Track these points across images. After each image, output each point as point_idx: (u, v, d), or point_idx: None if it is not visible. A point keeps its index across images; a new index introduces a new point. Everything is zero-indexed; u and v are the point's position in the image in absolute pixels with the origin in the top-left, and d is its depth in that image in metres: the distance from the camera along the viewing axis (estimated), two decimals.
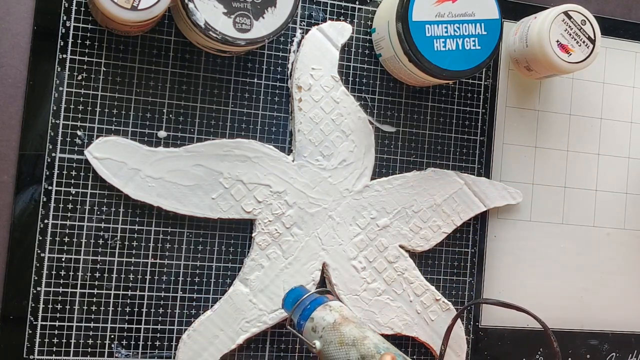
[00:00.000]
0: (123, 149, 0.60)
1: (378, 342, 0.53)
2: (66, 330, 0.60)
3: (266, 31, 0.57)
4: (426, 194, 0.68)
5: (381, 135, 0.68)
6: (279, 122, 0.65)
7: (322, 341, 0.54)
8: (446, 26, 0.62)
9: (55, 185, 0.59)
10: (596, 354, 0.74)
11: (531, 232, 0.73)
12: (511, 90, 0.72)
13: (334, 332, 0.54)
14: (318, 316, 0.56)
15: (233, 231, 0.64)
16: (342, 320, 0.55)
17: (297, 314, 0.57)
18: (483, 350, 0.71)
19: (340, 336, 0.54)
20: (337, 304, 0.57)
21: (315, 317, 0.56)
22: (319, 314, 0.56)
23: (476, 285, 0.70)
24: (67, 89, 0.60)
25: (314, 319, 0.56)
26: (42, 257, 0.59)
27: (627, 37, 0.76)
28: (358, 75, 0.67)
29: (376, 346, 0.53)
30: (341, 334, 0.54)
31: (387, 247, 0.66)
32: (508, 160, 0.72)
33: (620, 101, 0.76)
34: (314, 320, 0.56)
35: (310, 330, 0.56)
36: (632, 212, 0.76)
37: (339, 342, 0.54)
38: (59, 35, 0.60)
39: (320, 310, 0.56)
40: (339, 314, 0.56)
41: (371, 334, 0.54)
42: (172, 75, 0.62)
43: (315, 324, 0.55)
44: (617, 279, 0.75)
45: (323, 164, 0.64)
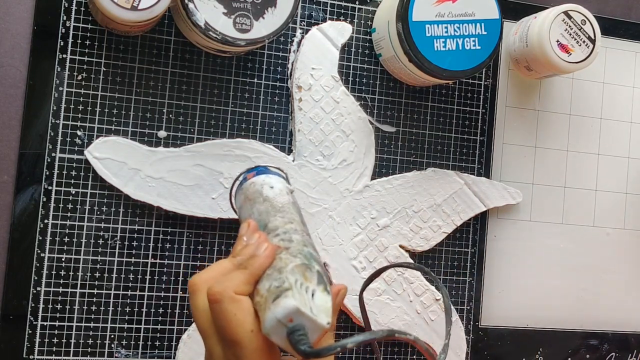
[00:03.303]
0: (123, 149, 0.60)
1: (303, 243, 0.46)
2: (66, 330, 0.60)
3: (266, 31, 0.57)
4: (426, 194, 0.68)
5: (381, 135, 0.68)
6: (279, 122, 0.65)
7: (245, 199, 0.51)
8: (446, 26, 0.62)
9: (55, 185, 0.59)
10: (596, 354, 0.75)
11: (531, 232, 0.73)
12: (511, 90, 0.72)
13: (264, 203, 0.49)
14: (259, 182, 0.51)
15: (233, 231, 0.64)
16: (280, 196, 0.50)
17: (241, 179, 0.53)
18: (483, 350, 0.71)
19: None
20: (282, 185, 0.51)
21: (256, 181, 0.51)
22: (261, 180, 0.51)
23: (476, 285, 0.70)
24: (67, 89, 0.60)
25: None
26: (42, 257, 0.59)
27: (627, 37, 0.76)
28: (358, 75, 0.67)
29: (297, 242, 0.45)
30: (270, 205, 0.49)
31: (387, 247, 0.66)
32: (508, 160, 0.72)
33: (620, 101, 0.76)
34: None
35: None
36: (632, 212, 0.76)
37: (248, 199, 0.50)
38: (59, 35, 0.60)
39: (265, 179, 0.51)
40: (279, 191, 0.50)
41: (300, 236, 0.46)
42: (172, 75, 0.62)
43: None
44: (617, 279, 0.75)
45: (323, 164, 0.64)
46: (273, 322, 0.40)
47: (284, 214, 0.48)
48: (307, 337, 0.40)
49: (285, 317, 0.40)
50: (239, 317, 0.41)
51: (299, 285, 0.41)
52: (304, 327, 0.40)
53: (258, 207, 0.49)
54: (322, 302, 0.41)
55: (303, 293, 0.40)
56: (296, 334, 0.39)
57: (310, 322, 0.40)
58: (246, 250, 0.44)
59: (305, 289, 0.41)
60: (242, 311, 0.41)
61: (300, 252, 0.43)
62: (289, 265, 0.42)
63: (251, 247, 0.44)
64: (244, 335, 0.41)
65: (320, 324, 0.40)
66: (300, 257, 0.43)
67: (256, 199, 0.50)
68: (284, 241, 0.45)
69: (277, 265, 0.42)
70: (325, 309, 0.41)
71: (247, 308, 0.41)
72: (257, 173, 0.53)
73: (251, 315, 0.41)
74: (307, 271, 0.42)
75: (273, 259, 0.43)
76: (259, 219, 0.48)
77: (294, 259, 0.42)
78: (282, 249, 0.44)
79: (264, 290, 0.42)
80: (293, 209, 0.49)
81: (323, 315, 0.40)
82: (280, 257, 0.43)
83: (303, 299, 0.40)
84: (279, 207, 0.48)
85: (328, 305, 0.41)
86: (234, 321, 0.41)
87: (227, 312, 0.41)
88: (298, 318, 0.40)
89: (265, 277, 0.42)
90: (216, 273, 0.43)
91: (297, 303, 0.40)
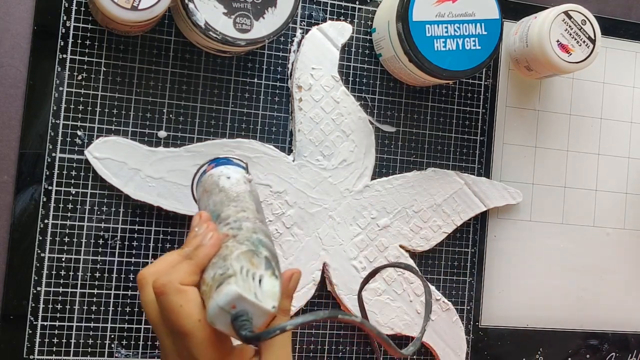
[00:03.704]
0: (123, 148, 0.60)
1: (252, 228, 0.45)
2: (66, 330, 0.60)
3: (266, 31, 0.57)
4: (426, 193, 0.68)
5: (381, 135, 0.68)
6: (279, 122, 0.65)
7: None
8: (446, 26, 0.62)
9: (55, 185, 0.59)
10: (596, 354, 0.75)
11: (531, 232, 0.73)
12: (511, 90, 0.72)
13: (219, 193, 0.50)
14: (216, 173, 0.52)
15: None
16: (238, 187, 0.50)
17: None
18: (483, 350, 0.71)
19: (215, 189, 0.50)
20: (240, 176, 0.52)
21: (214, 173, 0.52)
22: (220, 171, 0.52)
23: (476, 285, 0.70)
24: (67, 89, 0.60)
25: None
26: (42, 257, 0.59)
27: (627, 37, 0.76)
28: (358, 75, 0.67)
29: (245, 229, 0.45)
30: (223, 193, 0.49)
31: (387, 247, 0.66)
32: (508, 160, 0.72)
33: (620, 101, 0.76)
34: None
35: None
36: (632, 212, 0.76)
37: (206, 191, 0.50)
38: (59, 35, 0.60)
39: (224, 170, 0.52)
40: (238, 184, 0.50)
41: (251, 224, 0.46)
42: (172, 75, 0.62)
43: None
44: (617, 279, 0.75)
45: (323, 164, 0.64)
46: (215, 310, 0.40)
47: (238, 203, 0.48)
48: (250, 322, 0.39)
49: (228, 303, 0.39)
50: (186, 308, 0.41)
51: (244, 271, 0.41)
52: (248, 313, 0.40)
53: (214, 198, 0.49)
54: (269, 286, 0.41)
55: (248, 279, 0.40)
56: (239, 319, 0.39)
57: (254, 307, 0.40)
58: (193, 240, 0.44)
59: (253, 275, 0.41)
60: (189, 302, 0.41)
61: (248, 239, 0.43)
62: (234, 252, 0.42)
63: (198, 237, 0.44)
64: (191, 325, 0.40)
65: (265, 308, 0.40)
66: (247, 244, 0.43)
67: (212, 190, 0.50)
68: (233, 229, 0.45)
69: (223, 254, 0.42)
70: (272, 293, 0.41)
71: (193, 298, 0.41)
72: (216, 165, 0.53)
73: (198, 305, 0.41)
74: (254, 257, 0.42)
75: (219, 248, 0.43)
76: (213, 210, 0.48)
77: (240, 246, 0.42)
78: (229, 237, 0.44)
79: (209, 279, 0.41)
80: (249, 197, 0.49)
81: (269, 300, 0.40)
82: (227, 245, 0.43)
83: (248, 285, 0.40)
84: (234, 196, 0.49)
85: (275, 290, 0.41)
86: (181, 312, 0.40)
87: (173, 304, 0.41)
88: (241, 304, 0.39)
89: (210, 266, 0.42)
90: (164, 265, 0.43)
91: (239, 289, 0.39)
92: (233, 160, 0.54)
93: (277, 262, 0.44)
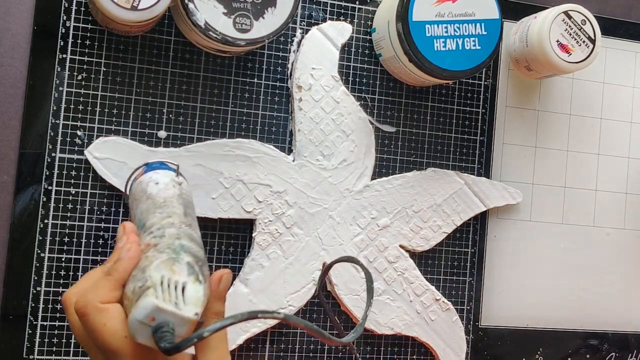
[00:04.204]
0: (123, 149, 0.60)
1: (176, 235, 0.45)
2: (66, 330, 0.60)
3: (266, 31, 0.57)
4: (426, 193, 0.68)
5: (381, 135, 0.68)
6: (279, 122, 0.65)
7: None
8: (446, 26, 0.62)
9: (55, 185, 0.59)
10: (596, 354, 0.75)
11: (531, 232, 0.73)
12: (511, 90, 0.72)
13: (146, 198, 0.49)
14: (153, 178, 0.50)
15: (233, 231, 0.64)
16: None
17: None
18: (483, 350, 0.71)
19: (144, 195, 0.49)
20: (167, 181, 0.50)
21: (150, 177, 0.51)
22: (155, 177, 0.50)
23: (476, 285, 0.70)
24: (67, 89, 0.60)
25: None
26: (42, 257, 0.59)
27: (627, 37, 0.76)
28: (358, 75, 0.67)
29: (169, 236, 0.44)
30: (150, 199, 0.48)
31: (387, 247, 0.66)
32: (508, 160, 0.72)
33: (620, 101, 0.76)
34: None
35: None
36: (632, 212, 0.76)
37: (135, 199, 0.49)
38: (59, 35, 0.60)
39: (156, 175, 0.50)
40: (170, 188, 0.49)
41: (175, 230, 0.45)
42: (172, 75, 0.62)
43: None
44: (617, 279, 0.75)
45: (323, 164, 0.64)
46: (135, 324, 0.39)
47: (164, 209, 0.47)
48: (172, 333, 0.39)
49: (146, 316, 0.39)
50: (109, 326, 0.40)
51: (165, 281, 0.40)
52: (169, 324, 0.39)
53: (141, 206, 0.48)
54: (192, 293, 0.40)
55: (170, 289, 0.40)
56: (159, 331, 0.39)
57: (174, 317, 0.39)
58: (113, 255, 0.43)
59: (175, 283, 0.40)
60: (112, 319, 0.40)
61: (169, 247, 0.42)
62: (153, 262, 0.41)
63: (118, 251, 0.43)
64: (118, 343, 0.40)
65: (186, 316, 0.39)
66: (168, 252, 0.42)
67: (140, 198, 0.49)
68: (155, 238, 0.44)
69: (142, 265, 0.42)
70: (196, 299, 0.40)
71: (116, 315, 0.40)
72: (146, 170, 0.52)
73: (122, 322, 0.40)
74: (174, 264, 0.41)
75: (138, 260, 0.42)
76: (140, 219, 0.47)
77: (160, 255, 0.41)
78: (151, 246, 0.43)
79: (129, 293, 0.41)
80: (177, 202, 0.48)
81: (190, 307, 0.40)
82: (147, 255, 0.42)
83: (167, 294, 0.39)
84: (160, 202, 0.48)
85: (199, 295, 0.40)
86: (105, 331, 0.40)
87: (96, 324, 0.40)
88: (160, 315, 0.39)
89: (130, 279, 0.42)
90: (87, 284, 0.42)
91: (156, 300, 0.39)
92: (165, 164, 0.53)
93: (203, 265, 0.43)
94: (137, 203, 0.49)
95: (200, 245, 0.45)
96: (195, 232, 0.46)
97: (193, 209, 0.50)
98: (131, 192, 0.52)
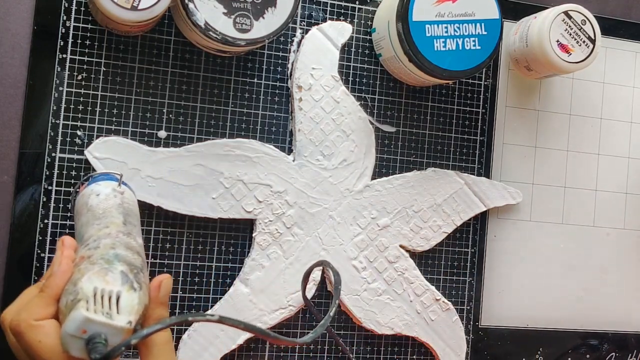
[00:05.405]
0: (123, 148, 0.60)
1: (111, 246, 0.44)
2: None
3: (266, 31, 0.57)
4: (426, 193, 0.68)
5: (381, 135, 0.68)
6: (279, 122, 0.65)
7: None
8: (446, 26, 0.62)
9: (55, 185, 0.59)
10: (596, 354, 0.75)
11: (531, 232, 0.73)
12: (511, 90, 0.72)
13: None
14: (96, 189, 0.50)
15: (233, 231, 0.64)
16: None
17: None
18: (483, 350, 0.71)
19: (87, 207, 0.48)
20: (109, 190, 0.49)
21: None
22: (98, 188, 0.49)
23: (476, 285, 0.70)
24: (67, 89, 0.60)
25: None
26: (42, 257, 0.59)
27: (627, 37, 0.76)
28: (358, 75, 0.67)
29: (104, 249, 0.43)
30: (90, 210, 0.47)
31: (387, 247, 0.66)
32: (508, 160, 0.72)
33: (620, 101, 0.76)
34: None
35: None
36: (632, 212, 0.76)
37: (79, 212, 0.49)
38: (59, 35, 0.60)
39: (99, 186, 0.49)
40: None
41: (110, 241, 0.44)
42: (172, 75, 0.62)
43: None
44: (617, 279, 0.75)
45: (323, 164, 0.64)
46: (66, 338, 0.39)
47: (102, 220, 0.46)
48: (104, 344, 0.39)
49: (77, 329, 0.39)
50: (45, 343, 0.40)
51: (99, 292, 0.40)
52: (102, 334, 0.39)
53: (82, 219, 0.48)
54: (127, 302, 0.40)
55: (103, 299, 0.40)
56: (91, 343, 0.39)
57: (107, 327, 0.39)
58: (47, 271, 0.43)
59: (109, 294, 0.40)
60: (46, 336, 0.40)
61: (102, 257, 0.42)
62: (85, 275, 0.41)
63: (51, 266, 0.43)
64: (54, 358, 0.40)
65: (118, 326, 0.39)
66: (101, 262, 0.42)
67: (81, 211, 0.49)
68: (89, 250, 0.43)
69: (74, 278, 0.41)
70: (130, 307, 0.40)
71: (51, 331, 0.40)
72: (88, 183, 0.51)
73: (58, 337, 0.40)
74: (107, 275, 0.41)
75: (70, 274, 0.42)
76: (80, 232, 0.47)
77: (92, 267, 0.41)
78: (84, 259, 0.43)
79: (63, 307, 0.41)
80: (116, 211, 0.48)
81: (123, 317, 0.40)
82: (80, 268, 0.42)
83: (100, 305, 0.39)
84: (100, 214, 0.47)
85: (134, 304, 0.40)
86: (40, 348, 0.40)
87: (31, 341, 0.40)
88: (92, 327, 0.39)
89: (64, 294, 0.41)
90: (21, 303, 0.43)
91: (85, 313, 0.39)
92: (109, 174, 0.52)
93: (139, 273, 0.42)
94: (79, 216, 0.49)
95: (138, 253, 0.45)
96: (135, 240, 0.46)
97: (136, 217, 0.50)
98: (75, 206, 0.51)
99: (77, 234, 0.48)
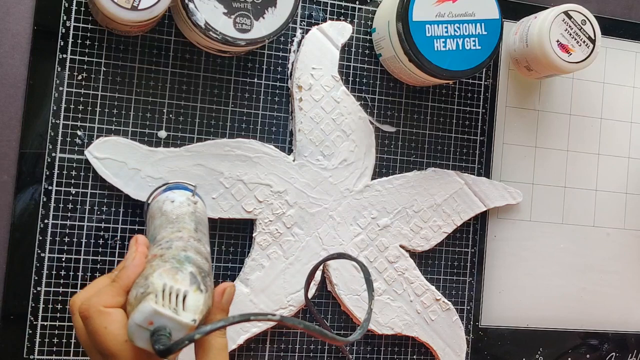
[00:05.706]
0: (123, 148, 0.60)
1: (182, 247, 0.46)
2: (66, 330, 0.60)
3: (266, 31, 0.57)
4: (426, 193, 0.68)
5: (381, 135, 0.68)
6: (279, 122, 0.65)
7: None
8: (446, 26, 0.62)
9: (55, 185, 0.59)
10: (596, 354, 0.75)
11: (531, 232, 0.73)
12: (511, 90, 0.72)
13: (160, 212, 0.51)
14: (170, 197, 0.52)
15: (233, 231, 0.64)
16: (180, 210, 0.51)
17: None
18: (483, 350, 0.71)
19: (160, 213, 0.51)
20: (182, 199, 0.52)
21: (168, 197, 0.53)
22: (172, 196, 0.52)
23: (476, 285, 0.70)
24: (67, 89, 0.60)
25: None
26: (42, 257, 0.59)
27: (627, 37, 0.76)
28: (358, 75, 0.67)
29: (174, 248, 0.45)
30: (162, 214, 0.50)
31: (387, 247, 0.66)
32: (508, 160, 0.72)
33: (620, 101, 0.76)
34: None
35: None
36: (632, 212, 0.76)
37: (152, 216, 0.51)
38: (59, 35, 0.60)
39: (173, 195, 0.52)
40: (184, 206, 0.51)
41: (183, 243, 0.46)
42: (172, 75, 0.62)
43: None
44: (617, 279, 0.75)
45: (324, 164, 0.64)
46: (133, 327, 0.41)
47: (175, 224, 0.49)
48: (168, 337, 0.40)
49: (144, 320, 0.40)
50: (110, 330, 0.41)
51: (167, 288, 0.41)
52: (166, 328, 0.40)
53: (155, 222, 0.50)
54: (193, 301, 0.42)
55: (171, 296, 0.41)
56: (156, 334, 0.40)
57: (172, 321, 0.41)
58: (120, 264, 0.45)
59: (176, 292, 0.41)
60: (113, 323, 0.41)
61: (174, 257, 0.44)
62: (156, 270, 0.42)
63: (124, 260, 0.45)
64: (117, 346, 0.41)
65: (184, 322, 0.41)
66: (172, 262, 0.43)
67: (155, 215, 0.51)
68: (162, 249, 0.45)
69: (146, 273, 0.43)
70: (195, 307, 0.42)
71: (118, 320, 0.42)
72: (163, 190, 0.54)
73: (124, 327, 0.42)
74: (177, 274, 0.42)
75: (142, 268, 0.44)
76: (152, 233, 0.49)
77: (164, 265, 0.43)
78: (157, 257, 0.44)
79: (132, 299, 0.42)
80: (189, 218, 0.50)
81: (189, 314, 0.41)
82: (152, 264, 0.44)
83: (168, 301, 0.41)
84: (173, 219, 0.50)
85: (199, 304, 0.42)
86: (105, 334, 0.41)
87: (98, 326, 0.41)
88: (158, 320, 0.40)
89: (134, 286, 0.43)
90: (93, 290, 0.44)
91: (154, 305, 0.40)
92: (184, 185, 0.55)
93: (206, 277, 0.44)
94: (152, 220, 0.51)
95: (206, 259, 0.46)
96: (204, 247, 0.48)
97: (206, 226, 0.52)
98: (148, 211, 0.54)
99: (150, 235, 0.50)
